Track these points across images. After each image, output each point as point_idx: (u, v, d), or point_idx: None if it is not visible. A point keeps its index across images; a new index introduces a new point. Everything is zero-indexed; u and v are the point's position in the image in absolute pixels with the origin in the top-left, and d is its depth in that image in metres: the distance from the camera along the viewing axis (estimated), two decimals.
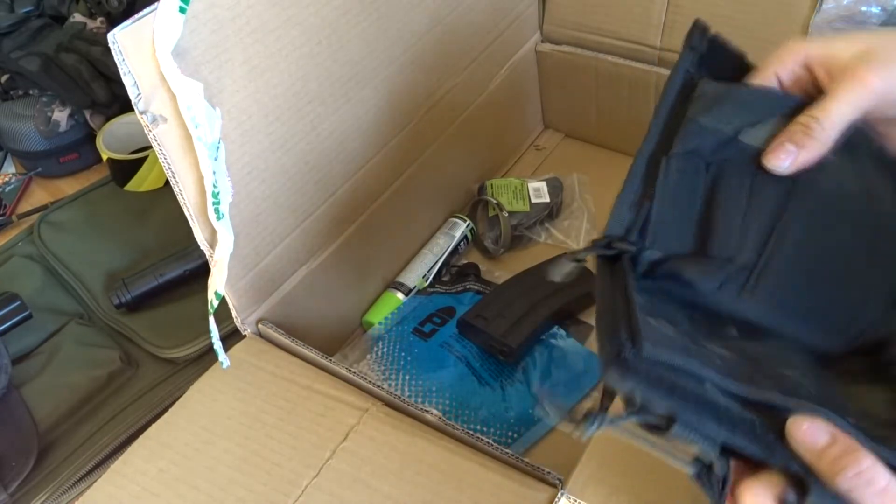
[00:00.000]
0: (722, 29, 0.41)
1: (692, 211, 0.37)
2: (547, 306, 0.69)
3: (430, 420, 0.51)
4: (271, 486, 0.48)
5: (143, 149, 0.89)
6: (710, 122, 0.38)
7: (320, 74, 0.56)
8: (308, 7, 0.53)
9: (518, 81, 0.86)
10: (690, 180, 0.37)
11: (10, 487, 0.60)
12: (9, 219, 0.90)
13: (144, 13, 0.41)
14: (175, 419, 0.54)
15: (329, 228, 0.65)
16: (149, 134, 0.45)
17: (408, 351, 0.69)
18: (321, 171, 0.61)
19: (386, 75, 0.63)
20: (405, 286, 0.75)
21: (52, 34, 1.01)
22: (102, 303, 0.75)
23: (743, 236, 0.37)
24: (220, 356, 0.55)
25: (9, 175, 0.96)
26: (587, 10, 0.80)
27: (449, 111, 0.75)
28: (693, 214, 0.37)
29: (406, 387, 0.66)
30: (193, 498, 0.49)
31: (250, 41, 0.49)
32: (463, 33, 0.72)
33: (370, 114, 0.63)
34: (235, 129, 0.51)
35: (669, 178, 0.37)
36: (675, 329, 0.33)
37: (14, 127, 0.92)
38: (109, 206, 0.87)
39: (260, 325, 0.60)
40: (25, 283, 0.78)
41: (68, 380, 0.68)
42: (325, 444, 0.50)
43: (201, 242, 0.52)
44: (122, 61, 0.42)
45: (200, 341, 0.70)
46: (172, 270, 0.75)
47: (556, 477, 0.46)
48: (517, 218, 0.79)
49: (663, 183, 0.37)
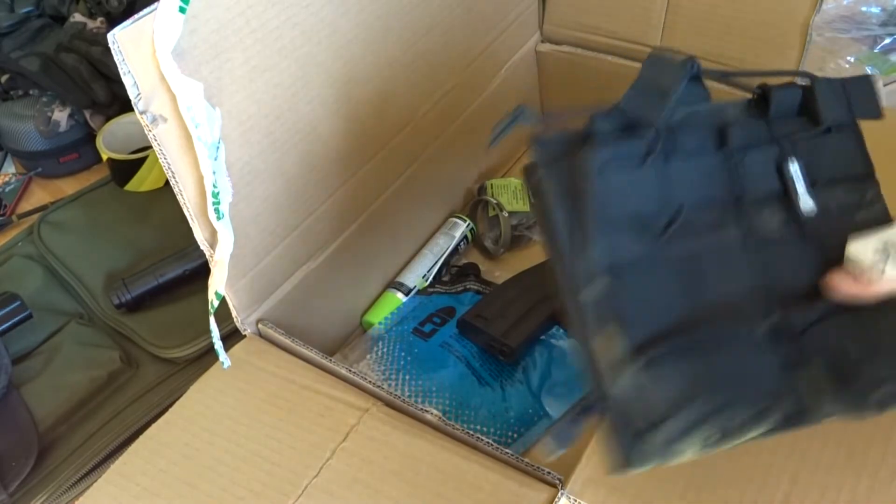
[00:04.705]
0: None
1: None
2: (547, 306, 0.69)
3: (430, 420, 0.51)
4: (271, 486, 0.48)
5: (143, 149, 0.89)
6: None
7: (320, 74, 0.56)
8: (308, 7, 0.53)
9: (518, 81, 0.86)
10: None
11: (10, 487, 0.60)
12: (9, 219, 0.90)
13: (144, 13, 0.41)
14: (175, 419, 0.54)
15: (329, 228, 0.65)
16: (149, 134, 0.45)
17: (408, 351, 0.69)
18: (321, 171, 0.61)
19: (386, 75, 0.63)
20: (405, 286, 0.75)
21: (52, 34, 1.01)
22: (102, 303, 0.75)
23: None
24: (220, 356, 0.55)
25: (9, 175, 0.96)
26: (587, 10, 0.80)
27: (449, 111, 0.75)
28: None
29: (406, 387, 0.66)
30: (193, 498, 0.49)
31: (250, 41, 0.49)
32: (463, 33, 0.72)
33: (370, 114, 0.63)
34: (235, 129, 0.51)
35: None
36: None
37: (14, 127, 0.92)
38: (109, 206, 0.87)
39: (260, 325, 0.60)
40: (25, 283, 0.78)
41: (68, 380, 0.68)
42: (325, 444, 0.50)
43: (201, 242, 0.52)
44: (122, 61, 0.42)
45: (200, 341, 0.70)
46: (172, 270, 0.75)
47: (556, 477, 0.46)
48: (517, 218, 0.79)
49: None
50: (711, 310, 0.38)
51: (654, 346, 0.36)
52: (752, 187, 0.40)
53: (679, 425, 0.36)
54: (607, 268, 0.37)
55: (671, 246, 0.38)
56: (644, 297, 0.38)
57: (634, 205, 0.38)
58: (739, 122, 0.41)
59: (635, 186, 0.38)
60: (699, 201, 0.39)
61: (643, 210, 0.38)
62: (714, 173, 0.40)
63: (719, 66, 0.74)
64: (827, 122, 0.41)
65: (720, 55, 0.73)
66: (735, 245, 0.39)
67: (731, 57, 0.73)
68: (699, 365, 0.37)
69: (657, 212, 0.39)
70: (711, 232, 0.39)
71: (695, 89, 0.41)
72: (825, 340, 0.37)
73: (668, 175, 0.39)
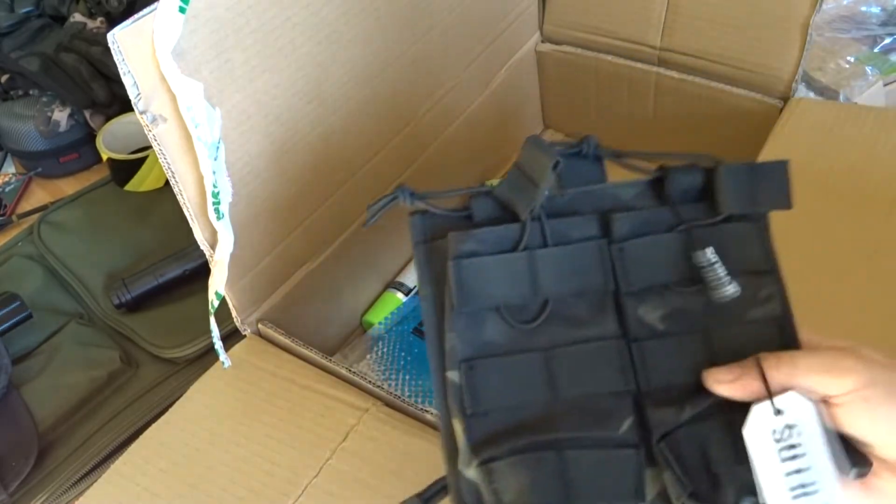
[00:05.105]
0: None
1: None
2: None
3: (430, 420, 0.51)
4: (271, 486, 0.48)
5: (143, 149, 0.89)
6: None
7: (320, 74, 0.56)
8: (308, 7, 0.53)
9: (518, 81, 0.86)
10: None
11: (10, 487, 0.60)
12: (9, 219, 0.90)
13: (144, 13, 0.41)
14: (175, 419, 0.54)
15: (329, 228, 0.65)
16: (149, 134, 0.45)
17: (408, 351, 0.69)
18: (321, 171, 0.61)
19: (386, 75, 0.63)
20: (405, 286, 0.75)
21: (52, 34, 1.01)
22: (102, 303, 0.75)
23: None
24: (221, 356, 0.55)
25: (9, 175, 0.96)
26: (587, 10, 0.80)
27: (449, 111, 0.75)
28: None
29: (406, 387, 0.66)
30: (193, 498, 0.49)
31: (250, 41, 0.49)
32: (463, 33, 0.72)
33: (370, 114, 0.63)
34: (235, 129, 0.51)
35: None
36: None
37: (14, 127, 0.92)
38: (109, 206, 0.87)
39: (260, 325, 0.60)
40: (25, 283, 0.78)
41: (68, 380, 0.68)
42: (325, 444, 0.50)
43: (201, 242, 0.52)
44: (122, 61, 0.42)
45: (200, 341, 0.70)
46: (172, 270, 0.75)
47: None
48: None
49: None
50: (573, 406, 0.36)
51: (496, 445, 0.35)
52: (635, 278, 0.38)
53: None
54: (467, 356, 0.36)
55: (537, 338, 0.37)
56: (499, 390, 0.36)
57: (502, 293, 0.37)
58: (631, 207, 0.39)
59: (504, 274, 0.37)
60: (574, 291, 0.38)
61: (511, 299, 0.37)
62: (592, 263, 0.38)
63: (719, 66, 0.74)
64: (726, 212, 0.38)
65: (720, 55, 0.73)
66: (606, 340, 0.37)
67: (731, 57, 0.73)
68: (549, 464, 0.35)
69: (525, 302, 0.37)
70: (582, 325, 0.37)
71: (590, 168, 0.40)
72: (691, 444, 0.35)
73: (541, 263, 0.37)
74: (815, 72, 0.86)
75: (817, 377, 0.33)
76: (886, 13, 0.89)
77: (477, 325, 0.37)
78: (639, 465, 0.35)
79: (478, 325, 0.37)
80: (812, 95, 0.85)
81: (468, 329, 0.37)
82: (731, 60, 0.73)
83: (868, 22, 0.90)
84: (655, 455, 0.36)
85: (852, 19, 0.91)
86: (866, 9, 0.90)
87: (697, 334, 0.37)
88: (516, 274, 0.37)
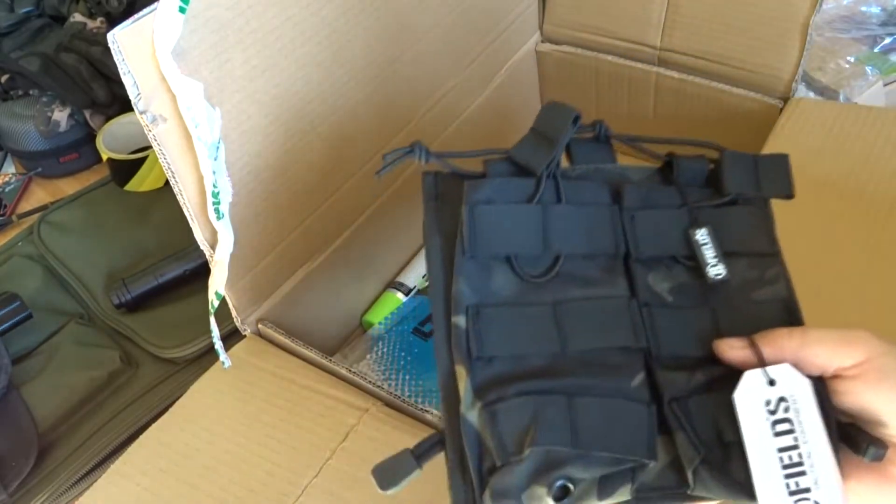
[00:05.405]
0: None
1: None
2: None
3: (430, 420, 0.51)
4: (271, 486, 0.48)
5: (143, 149, 0.89)
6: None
7: (320, 74, 0.56)
8: (308, 7, 0.53)
9: (518, 81, 0.86)
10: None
11: (10, 487, 0.60)
12: (9, 219, 0.90)
13: (144, 13, 0.41)
14: (175, 419, 0.54)
15: (329, 228, 0.65)
16: (149, 134, 0.45)
17: (408, 351, 0.69)
18: (321, 171, 0.61)
19: (386, 75, 0.63)
20: (405, 286, 0.75)
21: (52, 34, 1.01)
22: (102, 303, 0.75)
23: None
24: (221, 356, 0.55)
25: (9, 175, 0.96)
26: (587, 10, 0.80)
27: (449, 111, 0.75)
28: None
29: (406, 387, 0.66)
30: (193, 498, 0.49)
31: (250, 41, 0.49)
32: (463, 33, 0.72)
33: (370, 114, 0.63)
34: (235, 129, 0.51)
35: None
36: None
37: (14, 127, 0.92)
38: (109, 206, 0.87)
39: (260, 325, 0.60)
40: (25, 283, 0.78)
41: (68, 380, 0.68)
42: (325, 444, 0.50)
43: (201, 242, 0.52)
44: (122, 61, 0.42)
45: (200, 341, 0.70)
46: (172, 270, 0.75)
47: None
48: None
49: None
50: (582, 359, 0.36)
51: (501, 387, 0.34)
52: (645, 246, 0.38)
53: (529, 468, 0.33)
54: (474, 303, 0.36)
55: (546, 293, 0.37)
56: (506, 338, 0.36)
57: (513, 243, 0.37)
58: (640, 184, 0.40)
59: (517, 225, 0.37)
60: (584, 252, 0.38)
61: (522, 251, 0.37)
62: (604, 226, 0.38)
63: (719, 66, 0.74)
64: (731, 193, 0.39)
65: (720, 55, 0.73)
66: (615, 302, 0.37)
67: (731, 57, 0.73)
68: (558, 407, 0.34)
69: (536, 255, 0.37)
70: (593, 285, 0.37)
71: (601, 150, 0.40)
72: (703, 412, 0.35)
73: (554, 218, 0.38)
74: (815, 72, 0.86)
75: (829, 347, 0.32)
76: (886, 13, 0.89)
77: (486, 274, 0.37)
78: (651, 422, 0.35)
79: (487, 273, 0.37)
80: (812, 95, 0.85)
81: (477, 276, 0.37)
82: (731, 60, 0.73)
83: (868, 22, 0.90)
84: (667, 417, 0.35)
85: (852, 19, 0.91)
86: (866, 9, 0.90)
87: (706, 310, 0.38)
88: (529, 225, 0.37)
